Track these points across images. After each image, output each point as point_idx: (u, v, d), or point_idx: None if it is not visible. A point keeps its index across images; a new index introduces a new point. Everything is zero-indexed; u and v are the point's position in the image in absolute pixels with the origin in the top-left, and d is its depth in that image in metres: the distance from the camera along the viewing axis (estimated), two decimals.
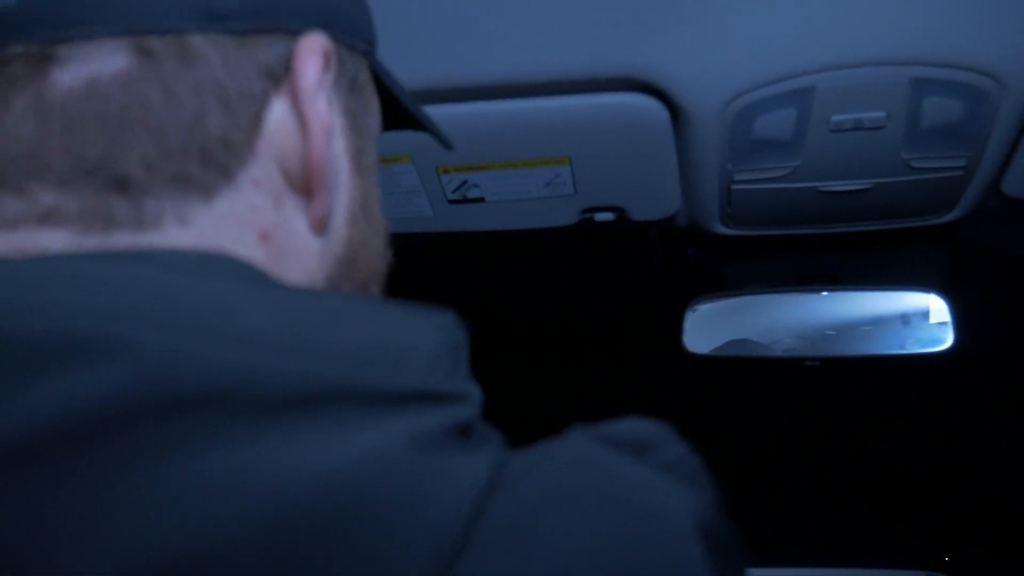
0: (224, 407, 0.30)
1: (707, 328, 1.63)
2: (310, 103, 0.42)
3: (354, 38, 0.47)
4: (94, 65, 0.37)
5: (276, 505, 0.29)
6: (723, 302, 1.61)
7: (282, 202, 0.42)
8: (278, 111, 0.42)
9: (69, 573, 0.28)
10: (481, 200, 1.29)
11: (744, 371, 1.92)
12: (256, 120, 0.41)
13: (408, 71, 0.58)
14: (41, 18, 0.37)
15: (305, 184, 0.43)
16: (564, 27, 0.99)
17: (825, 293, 1.56)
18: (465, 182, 1.25)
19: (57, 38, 0.37)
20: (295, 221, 0.43)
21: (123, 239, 0.37)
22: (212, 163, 0.39)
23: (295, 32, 0.43)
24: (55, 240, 0.37)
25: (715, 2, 0.96)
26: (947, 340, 1.50)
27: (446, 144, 0.63)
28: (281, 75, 0.42)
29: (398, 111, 0.55)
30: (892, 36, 0.97)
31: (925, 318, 1.54)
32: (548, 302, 1.92)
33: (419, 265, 1.66)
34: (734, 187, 1.22)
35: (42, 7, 0.37)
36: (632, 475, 0.35)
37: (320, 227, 0.44)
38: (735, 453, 2.07)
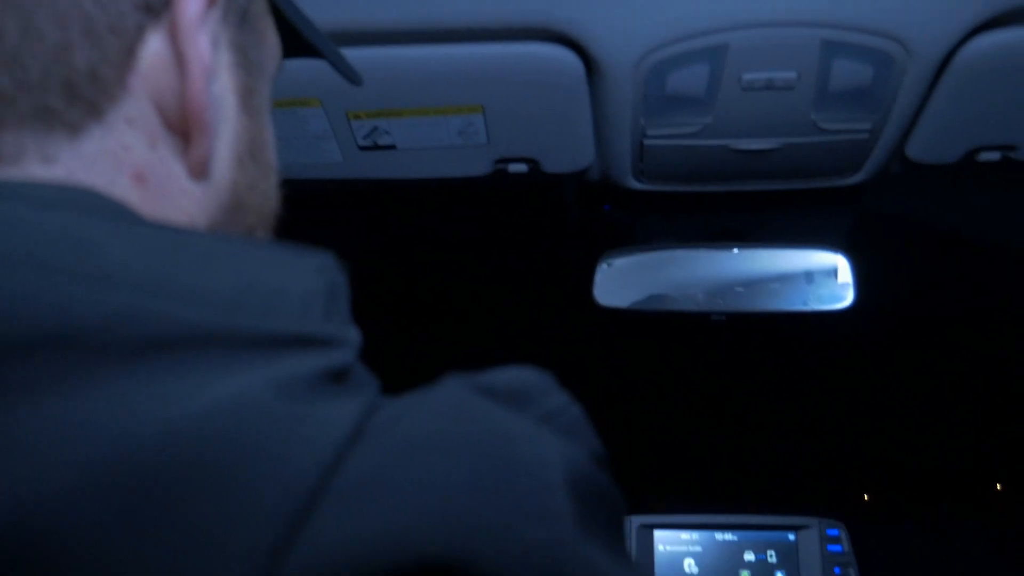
0: (72, 349, 0.28)
1: (618, 282, 1.64)
2: (189, 40, 0.39)
3: None
4: None
5: (119, 453, 0.28)
6: (634, 257, 1.62)
7: (158, 142, 0.40)
8: (154, 46, 0.39)
9: None
10: (392, 147, 1.26)
11: (653, 325, 1.95)
12: (128, 55, 0.39)
13: (319, 12, 0.56)
14: None
15: (183, 125, 0.40)
16: None
17: (734, 250, 1.58)
18: (376, 128, 1.22)
19: None
20: (173, 163, 0.41)
21: None
22: (78, 98, 0.37)
23: None
24: None
25: None
26: (848, 299, 1.54)
27: (352, 79, 0.61)
28: (160, 8, 0.40)
29: (301, 42, 0.52)
30: None
31: (828, 277, 1.58)
32: (461, 253, 1.91)
33: (328, 212, 1.63)
34: (647, 142, 1.22)
35: None
36: (503, 425, 0.34)
37: (200, 171, 0.41)
38: (642, 404, 2.10)
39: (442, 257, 1.93)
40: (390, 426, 0.32)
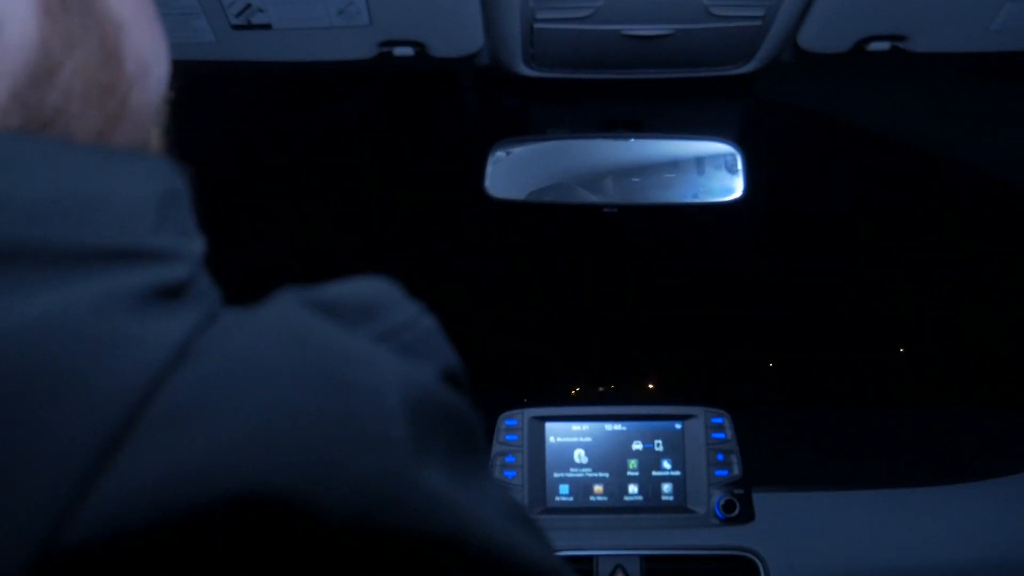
0: None
1: (510, 173, 1.61)
2: None
3: None
4: None
5: None
6: (527, 147, 1.58)
7: None
8: None
9: None
10: (268, 27, 1.18)
11: (544, 216, 1.93)
12: None
13: None
14: None
15: None
16: None
17: (628, 140, 1.56)
18: (249, 6, 1.14)
19: None
20: None
21: None
22: None
23: None
24: None
25: None
26: (737, 190, 1.54)
27: None
28: None
29: None
30: None
31: (719, 168, 1.57)
32: (346, 142, 1.85)
33: (203, 96, 1.54)
34: (536, 26, 1.18)
35: None
36: (336, 347, 0.31)
37: None
38: (535, 297, 2.10)
39: (327, 145, 1.86)
40: (215, 345, 0.29)
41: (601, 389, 2.19)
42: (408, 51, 1.26)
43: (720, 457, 1.63)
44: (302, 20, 1.17)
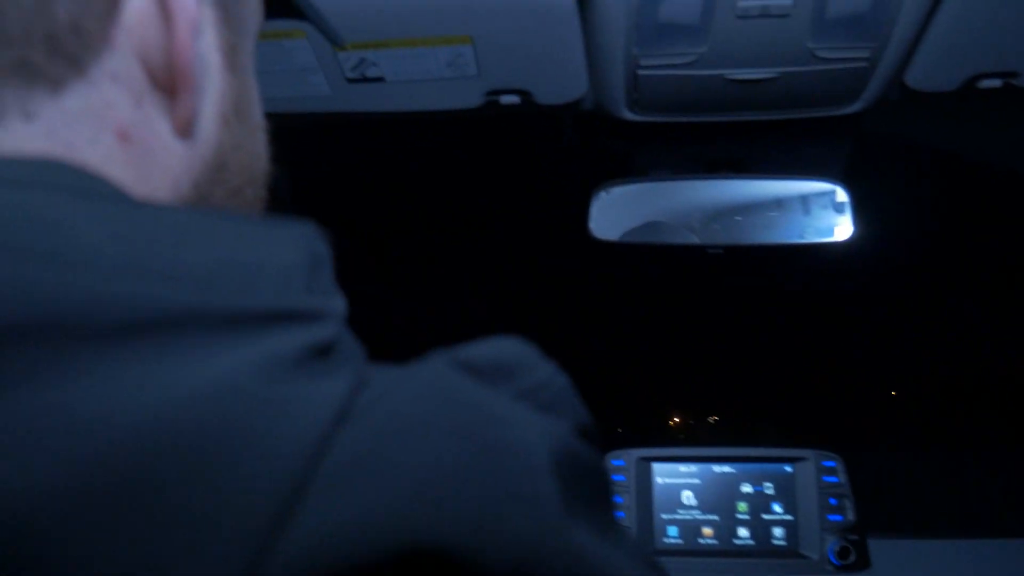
0: (47, 338, 0.28)
1: (614, 214, 1.62)
2: None
3: None
4: None
5: (100, 445, 0.27)
6: (630, 188, 1.60)
7: (143, 100, 0.39)
8: (139, 1, 0.38)
9: None
10: (381, 80, 1.24)
11: (649, 257, 1.94)
12: (112, 7, 0.37)
13: None
14: None
15: (169, 82, 0.39)
16: None
17: (731, 181, 1.56)
18: (364, 60, 1.20)
19: None
20: (158, 121, 0.40)
21: None
22: (60, 52, 0.36)
23: None
24: None
25: None
26: (846, 230, 1.52)
27: (334, 39, 0.59)
28: None
29: (283, 2, 0.51)
30: None
31: (826, 208, 1.56)
32: (454, 186, 1.89)
33: (319, 146, 1.61)
34: (640, 72, 1.20)
35: None
36: (487, 407, 0.33)
37: (185, 129, 0.40)
38: (639, 339, 2.10)
39: (434, 191, 1.91)
40: (373, 406, 0.32)
41: (708, 419, 2.17)
42: (514, 99, 1.30)
43: (833, 501, 1.60)
44: (413, 72, 1.22)
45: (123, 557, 0.27)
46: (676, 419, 2.08)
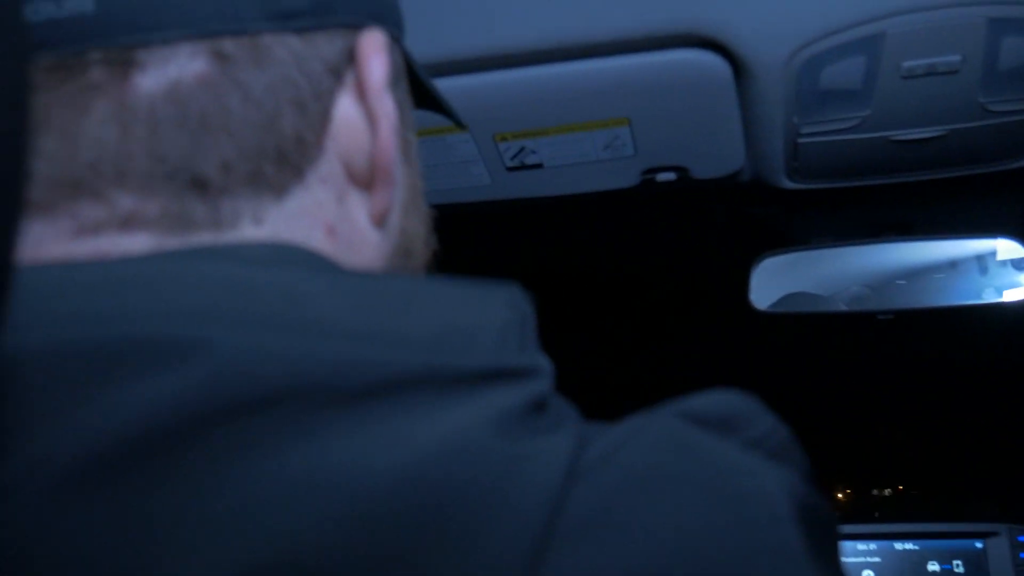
0: (300, 402, 0.30)
1: (775, 284, 1.59)
2: (379, 100, 0.42)
3: (397, 26, 0.47)
4: (174, 69, 0.37)
5: (359, 502, 0.29)
6: (790, 257, 1.57)
7: (345, 197, 0.42)
8: (344, 107, 0.42)
9: None
10: (540, 166, 1.26)
11: (815, 327, 1.88)
12: (325, 117, 0.41)
13: (463, 38, 0.56)
14: (119, 23, 0.37)
15: (367, 178, 0.43)
16: None
17: (899, 244, 1.51)
18: (523, 148, 1.23)
19: (136, 43, 0.37)
20: (356, 214, 0.43)
21: (203, 239, 0.38)
22: (286, 163, 0.40)
23: (352, 26, 0.43)
24: (136, 243, 0.37)
25: None
26: None
27: (460, 124, 0.63)
28: (343, 70, 0.42)
29: (419, 92, 0.55)
30: None
31: (1003, 265, 1.49)
32: (611, 264, 1.90)
33: (479, 233, 1.65)
34: (800, 140, 1.18)
35: (119, 12, 0.37)
36: (723, 458, 0.34)
37: (380, 220, 0.44)
38: (809, 410, 2.03)
39: (591, 271, 1.92)
40: (606, 461, 0.32)
41: (875, 492, 2.07)
42: (670, 176, 1.30)
43: None
44: (571, 157, 1.24)
45: None
46: (847, 492, 1.99)
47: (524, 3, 0.98)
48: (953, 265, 1.52)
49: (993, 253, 1.50)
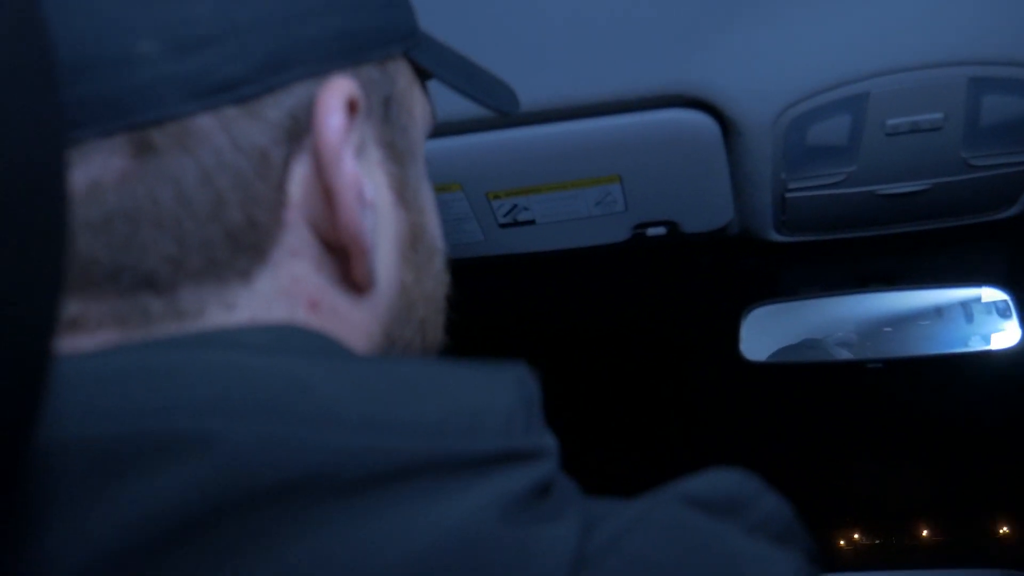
0: (306, 493, 0.30)
1: (764, 335, 1.61)
2: (334, 168, 0.38)
3: (386, 47, 0.43)
4: (94, 168, 0.35)
5: None
6: (779, 307, 1.58)
7: (323, 265, 0.40)
8: (301, 175, 0.39)
9: None
10: (532, 223, 1.28)
11: (805, 377, 1.89)
12: (280, 192, 0.38)
13: (451, 103, 0.57)
14: None
15: (341, 244, 0.40)
16: (610, 48, 0.97)
17: (885, 294, 1.53)
18: (515, 206, 1.24)
19: None
20: (339, 282, 0.41)
21: (169, 330, 0.36)
22: (242, 247, 0.37)
23: (316, 73, 0.39)
24: (88, 345, 0.35)
25: (763, 14, 0.94)
26: (1013, 336, 1.46)
27: (503, 110, 0.57)
28: (301, 132, 0.38)
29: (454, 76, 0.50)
30: (947, 37, 0.95)
31: (989, 314, 1.51)
32: (603, 318, 1.91)
33: (471, 289, 1.66)
34: (788, 195, 1.20)
35: None
36: (728, 546, 0.34)
37: (365, 285, 0.41)
38: (804, 459, 2.04)
39: (583, 324, 1.93)
40: (611, 550, 0.32)
41: (878, 542, 2.06)
42: (661, 230, 1.32)
43: None
44: (563, 213, 1.26)
45: None
46: (850, 540, 1.99)
47: (517, 66, 1.00)
48: (939, 312, 1.54)
49: (978, 299, 1.52)
